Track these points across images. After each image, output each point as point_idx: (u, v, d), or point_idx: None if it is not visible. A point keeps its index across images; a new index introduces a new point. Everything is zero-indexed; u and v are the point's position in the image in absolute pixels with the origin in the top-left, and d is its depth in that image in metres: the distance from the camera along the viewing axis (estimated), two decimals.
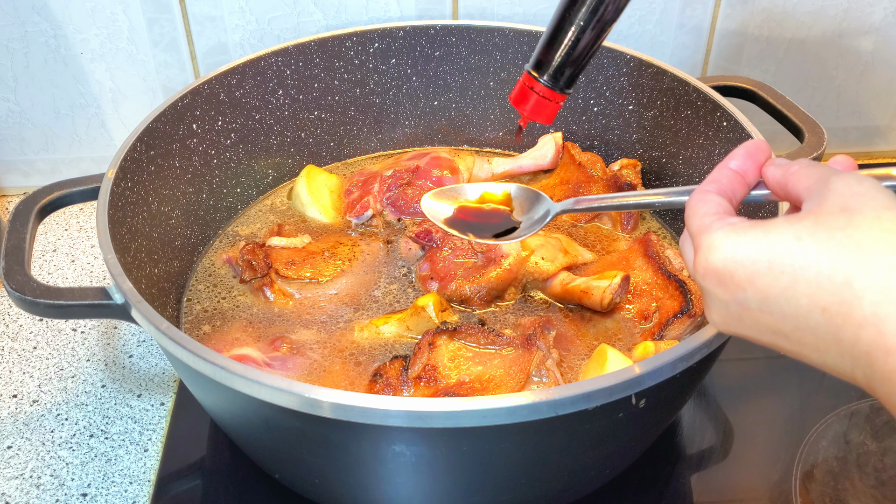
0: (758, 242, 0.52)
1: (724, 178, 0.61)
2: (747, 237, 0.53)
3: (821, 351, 0.51)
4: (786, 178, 0.58)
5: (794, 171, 0.58)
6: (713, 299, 0.56)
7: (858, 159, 1.38)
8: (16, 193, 1.31)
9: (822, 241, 0.50)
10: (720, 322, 0.57)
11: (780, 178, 0.59)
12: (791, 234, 0.51)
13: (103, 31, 1.17)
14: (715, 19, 1.23)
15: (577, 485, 0.84)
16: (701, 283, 0.56)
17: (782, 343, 0.54)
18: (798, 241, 0.51)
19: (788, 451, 0.92)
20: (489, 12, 1.22)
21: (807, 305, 0.50)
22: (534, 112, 0.85)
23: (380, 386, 0.83)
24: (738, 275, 0.53)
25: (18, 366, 1.03)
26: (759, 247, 0.52)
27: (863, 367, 0.49)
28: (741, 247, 0.53)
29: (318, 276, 0.99)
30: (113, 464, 0.92)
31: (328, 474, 0.78)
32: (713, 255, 0.54)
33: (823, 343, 0.50)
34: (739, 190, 0.61)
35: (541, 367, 0.84)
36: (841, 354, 0.50)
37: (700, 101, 1.03)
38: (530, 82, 0.83)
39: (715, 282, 0.55)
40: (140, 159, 0.94)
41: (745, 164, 0.62)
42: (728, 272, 0.54)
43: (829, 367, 0.52)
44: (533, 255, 0.97)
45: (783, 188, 0.59)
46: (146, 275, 0.90)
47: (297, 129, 1.16)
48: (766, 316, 0.53)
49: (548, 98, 0.83)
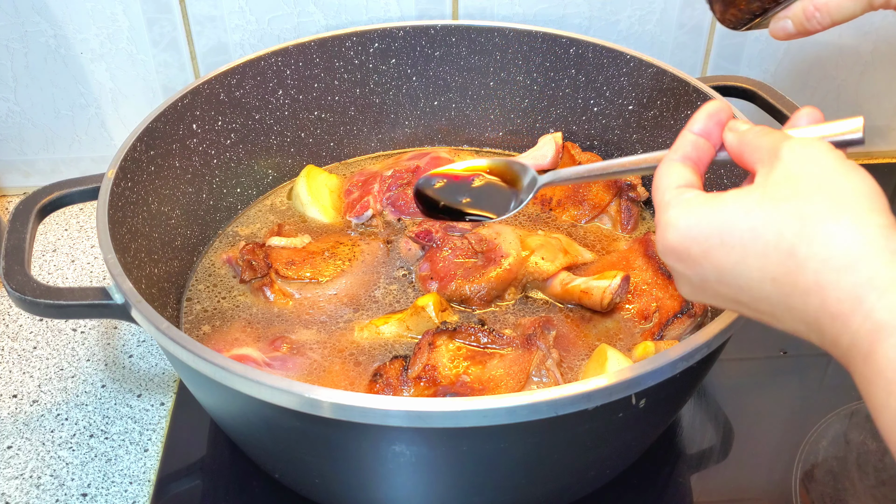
0: (709, 217, 0.54)
1: (689, 143, 0.61)
2: (700, 213, 0.55)
3: (777, 318, 0.53)
4: (741, 146, 0.59)
5: (749, 140, 0.58)
6: (677, 274, 0.58)
7: (858, 159, 1.38)
8: (16, 193, 1.31)
9: (769, 213, 0.51)
10: (689, 293, 0.59)
11: (735, 147, 0.60)
12: (740, 208, 0.53)
13: (103, 31, 1.17)
14: (715, 19, 1.23)
15: (577, 485, 0.84)
16: (664, 260, 0.58)
17: (745, 311, 0.56)
18: (746, 214, 0.52)
19: (788, 451, 0.92)
20: (489, 12, 1.21)
21: (758, 277, 0.52)
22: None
23: (380, 386, 0.83)
24: (693, 251, 0.55)
25: (18, 366, 1.03)
26: (710, 222, 0.54)
27: (815, 331, 0.50)
28: (694, 223, 0.55)
29: (318, 276, 0.99)
30: (113, 464, 0.92)
31: (328, 474, 0.78)
32: (670, 233, 0.56)
33: (778, 311, 0.52)
34: (705, 154, 0.61)
35: (541, 367, 0.84)
36: (794, 321, 0.52)
37: (700, 101, 1.03)
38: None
39: (674, 258, 0.57)
40: (140, 159, 0.94)
41: (707, 126, 0.62)
42: (684, 248, 0.55)
43: (790, 331, 0.53)
44: (533, 255, 0.97)
45: (738, 157, 0.59)
46: (146, 275, 0.90)
47: (297, 129, 1.16)
48: (725, 288, 0.55)
49: None
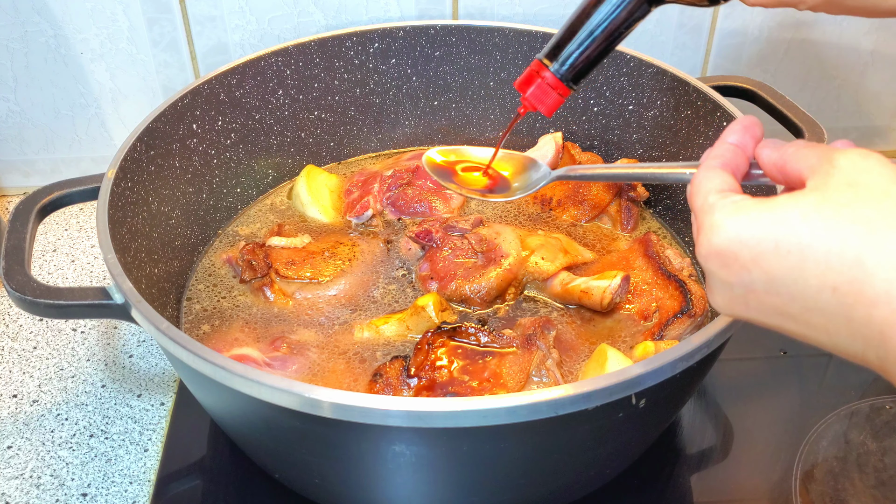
0: (762, 221, 0.51)
1: (728, 152, 0.59)
2: (751, 216, 0.51)
3: (830, 332, 0.49)
4: (784, 158, 0.56)
5: (793, 152, 0.56)
6: (717, 282, 0.54)
7: None
8: (16, 193, 1.31)
9: (829, 217, 0.48)
10: (724, 305, 0.55)
11: (776, 160, 0.57)
12: (797, 212, 0.49)
13: (103, 31, 1.17)
14: (715, 19, 1.23)
15: (577, 485, 0.84)
16: (704, 266, 0.54)
17: (790, 325, 0.52)
18: (804, 218, 0.49)
19: (788, 451, 0.92)
20: (489, 12, 1.21)
21: (816, 285, 0.48)
22: (536, 98, 0.83)
23: (380, 386, 0.83)
24: (742, 255, 0.51)
25: (18, 366, 1.03)
26: (763, 226, 0.50)
27: (875, 347, 0.47)
28: (745, 226, 0.51)
29: (318, 276, 0.99)
30: (113, 464, 0.92)
31: (328, 474, 0.78)
32: (716, 236, 0.52)
33: (833, 324, 0.49)
34: (742, 164, 0.59)
35: (541, 367, 0.84)
36: (852, 335, 0.48)
37: (700, 101, 1.03)
38: (539, 68, 0.82)
39: (719, 263, 0.53)
40: (140, 159, 0.94)
41: (743, 139, 0.60)
42: (732, 253, 0.52)
43: (840, 350, 0.50)
44: (533, 255, 0.97)
45: (781, 170, 0.57)
46: (146, 275, 0.90)
47: (297, 129, 1.16)
48: (773, 297, 0.51)
49: (552, 87, 0.81)
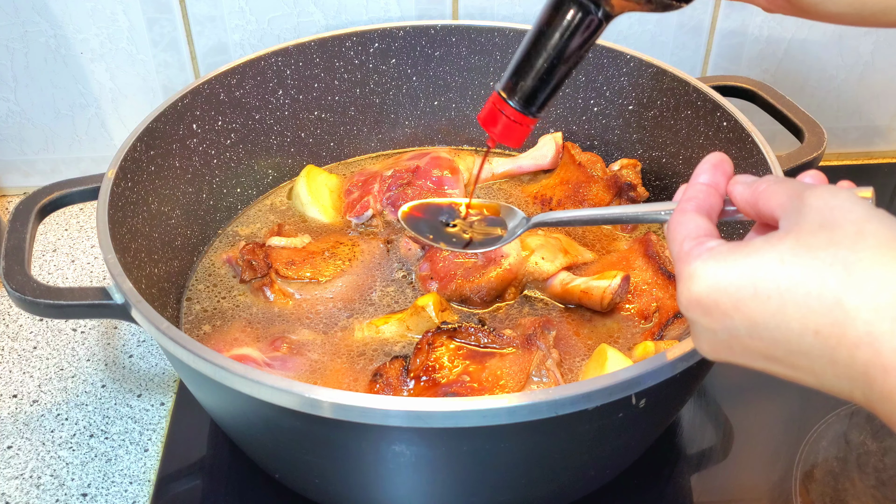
0: (739, 267, 0.51)
1: (701, 192, 0.59)
2: (728, 263, 0.51)
3: (816, 373, 0.50)
4: (755, 196, 0.56)
5: (764, 189, 0.56)
6: (701, 329, 0.54)
7: (858, 160, 1.39)
8: (16, 193, 1.31)
9: (807, 261, 0.48)
10: (709, 351, 0.55)
11: (748, 197, 0.57)
12: (774, 256, 0.49)
13: (103, 31, 1.17)
14: (715, 19, 1.23)
15: (577, 485, 0.84)
16: (686, 314, 0.54)
17: (776, 368, 0.52)
18: (781, 263, 0.49)
19: (788, 451, 0.92)
20: (489, 12, 1.21)
21: (798, 329, 0.48)
22: (503, 135, 0.79)
23: (380, 386, 0.83)
24: (722, 302, 0.51)
25: (18, 366, 1.03)
26: (741, 272, 0.50)
27: (861, 387, 0.47)
28: (723, 273, 0.51)
29: (318, 276, 0.99)
30: (113, 464, 0.92)
31: (328, 474, 0.78)
32: (695, 285, 0.52)
33: (818, 366, 0.49)
34: (716, 203, 0.59)
35: (541, 367, 0.84)
36: (837, 376, 0.48)
37: (700, 101, 1.03)
38: (500, 104, 0.77)
39: (700, 312, 0.53)
40: (140, 159, 0.94)
41: (714, 177, 0.60)
42: (712, 301, 0.52)
43: (827, 389, 0.50)
44: (533, 255, 0.97)
45: (753, 206, 0.57)
46: (146, 275, 0.90)
47: (297, 129, 1.16)
48: (757, 342, 0.51)
49: (518, 122, 0.77)
